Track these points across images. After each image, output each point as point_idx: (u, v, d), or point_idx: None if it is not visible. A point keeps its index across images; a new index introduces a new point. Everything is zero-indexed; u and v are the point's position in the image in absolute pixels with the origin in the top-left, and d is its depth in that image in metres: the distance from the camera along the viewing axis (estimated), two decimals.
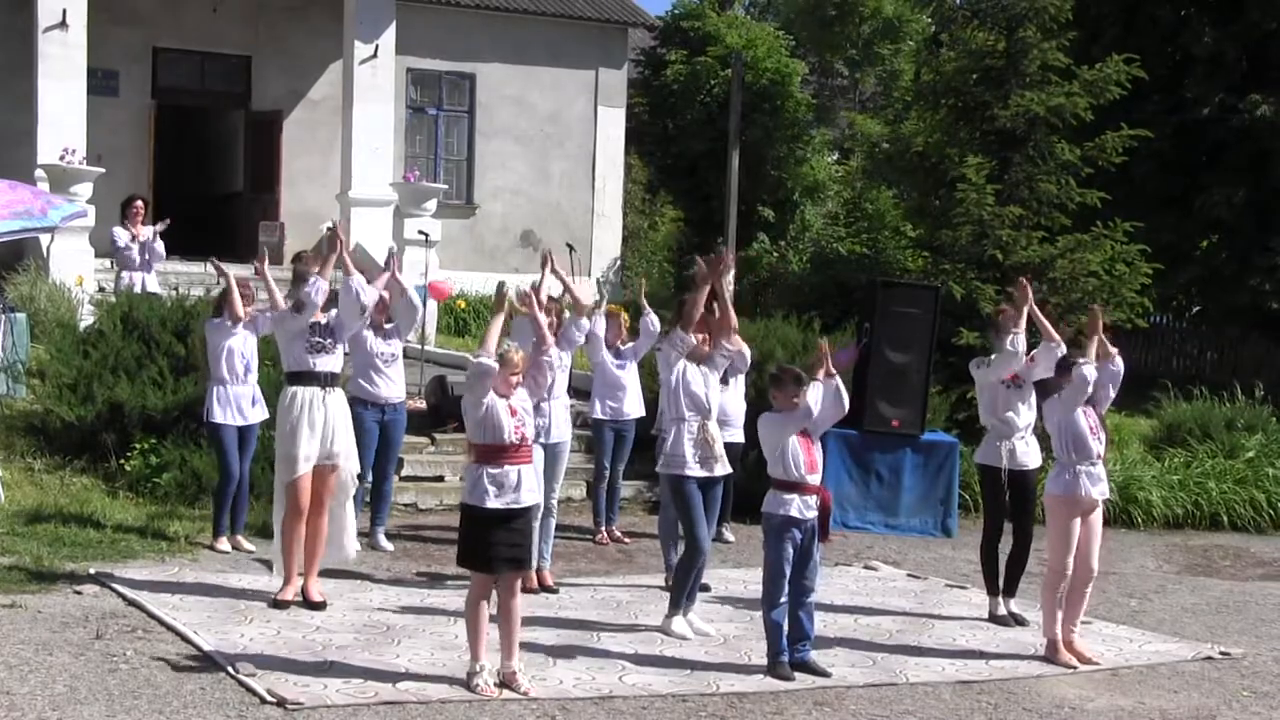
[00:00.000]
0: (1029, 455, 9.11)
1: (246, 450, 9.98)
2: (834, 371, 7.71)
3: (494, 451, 6.88)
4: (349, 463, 8.62)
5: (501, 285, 7.68)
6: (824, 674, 7.53)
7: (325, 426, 8.39)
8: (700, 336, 8.38)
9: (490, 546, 6.86)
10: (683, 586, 8.31)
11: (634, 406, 11.18)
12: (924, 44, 23.62)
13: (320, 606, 8.32)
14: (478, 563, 6.93)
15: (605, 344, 11.00)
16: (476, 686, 6.82)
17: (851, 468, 12.46)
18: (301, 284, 8.57)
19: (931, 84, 17.36)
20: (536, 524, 8.03)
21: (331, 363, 8.53)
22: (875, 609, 9.32)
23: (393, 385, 10.17)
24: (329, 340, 8.52)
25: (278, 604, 8.29)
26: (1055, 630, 8.18)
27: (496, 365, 6.84)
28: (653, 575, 9.82)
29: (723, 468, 8.30)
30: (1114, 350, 8.55)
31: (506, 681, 6.92)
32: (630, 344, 11.14)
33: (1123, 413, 16.05)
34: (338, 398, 8.56)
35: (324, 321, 8.57)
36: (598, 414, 11.18)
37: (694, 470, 8.15)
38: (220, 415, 9.77)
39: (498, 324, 7.02)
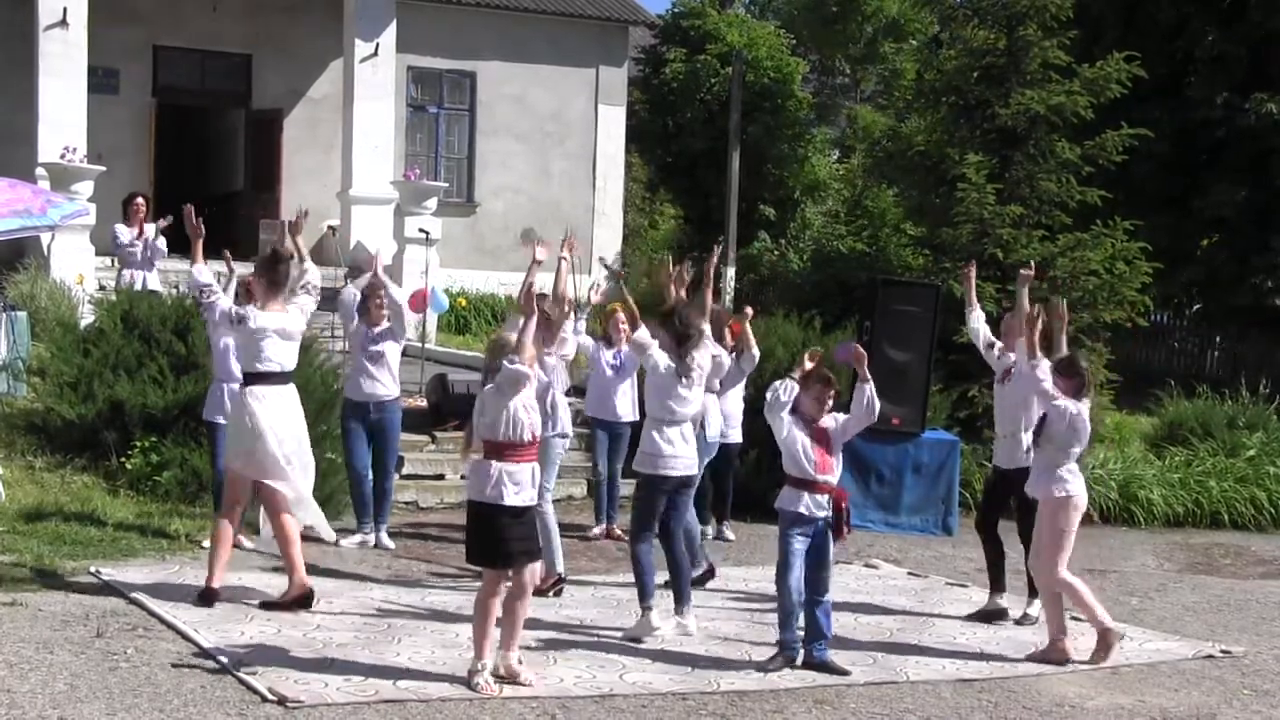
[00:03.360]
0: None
1: None
2: (868, 376, 7.69)
3: (511, 448, 6.90)
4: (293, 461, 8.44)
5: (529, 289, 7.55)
6: (842, 672, 7.52)
7: (270, 426, 8.25)
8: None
9: (506, 542, 6.89)
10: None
11: (625, 409, 11.15)
12: (926, 44, 23.63)
13: (309, 599, 8.26)
14: (496, 559, 6.93)
15: (608, 343, 11.02)
16: (477, 685, 6.82)
17: (852, 466, 12.44)
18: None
19: (932, 83, 17.37)
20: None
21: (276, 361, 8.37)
22: (876, 607, 9.32)
23: (378, 384, 10.18)
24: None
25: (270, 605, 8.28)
26: (1061, 629, 8.16)
27: (530, 375, 6.89)
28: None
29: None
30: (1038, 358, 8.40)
31: (509, 675, 6.92)
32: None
33: (1124, 411, 16.06)
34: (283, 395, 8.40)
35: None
36: (590, 413, 11.25)
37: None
38: (217, 413, 9.70)
39: (531, 328, 7.01)
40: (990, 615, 9.08)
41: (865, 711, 6.99)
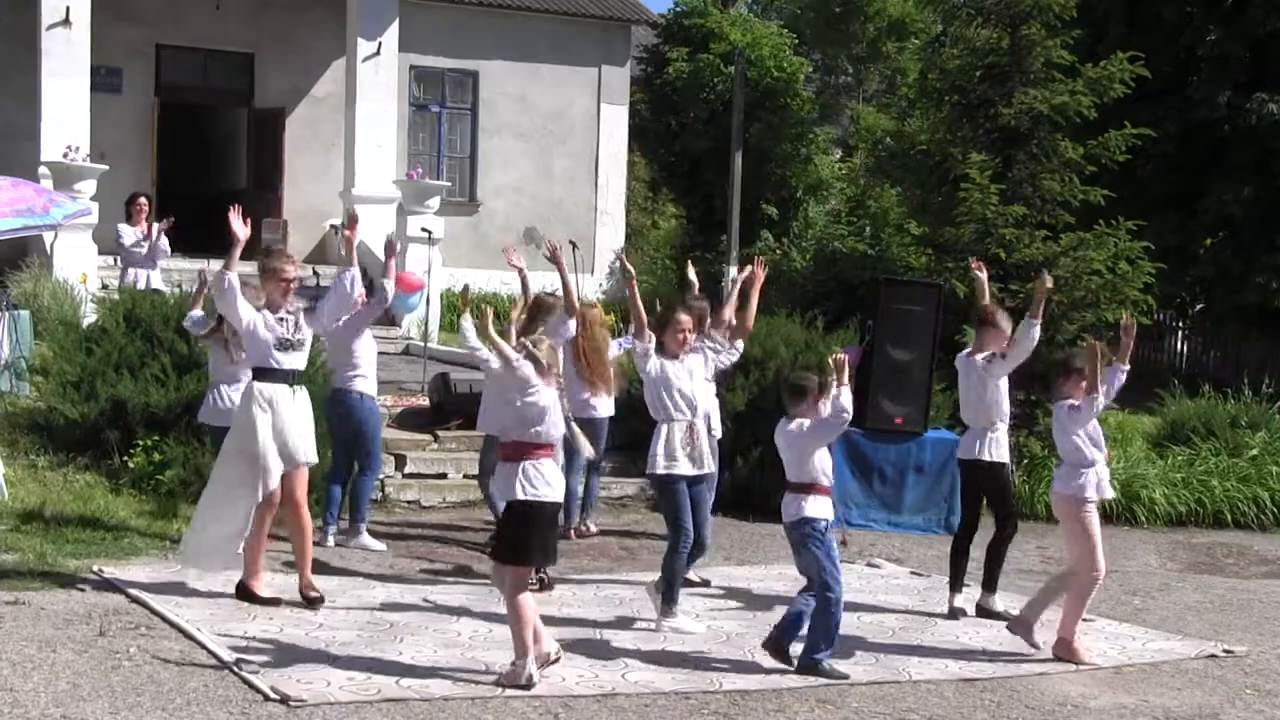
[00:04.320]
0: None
1: None
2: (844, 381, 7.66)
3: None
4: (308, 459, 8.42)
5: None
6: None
7: (289, 424, 8.23)
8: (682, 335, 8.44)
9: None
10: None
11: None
12: (929, 43, 23.60)
13: (318, 603, 8.30)
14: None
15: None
16: (529, 678, 6.87)
17: (854, 465, 12.46)
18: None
19: (935, 82, 17.36)
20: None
21: (298, 360, 8.33)
22: (878, 607, 9.32)
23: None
24: (298, 336, 8.30)
25: (257, 599, 8.26)
26: (1072, 628, 8.16)
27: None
28: (655, 573, 9.77)
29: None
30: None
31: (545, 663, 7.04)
32: None
33: (1126, 410, 16.04)
34: (303, 396, 8.39)
35: (293, 317, 8.34)
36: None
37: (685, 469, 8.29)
38: (214, 417, 9.50)
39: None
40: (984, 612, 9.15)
41: (868, 711, 6.99)
